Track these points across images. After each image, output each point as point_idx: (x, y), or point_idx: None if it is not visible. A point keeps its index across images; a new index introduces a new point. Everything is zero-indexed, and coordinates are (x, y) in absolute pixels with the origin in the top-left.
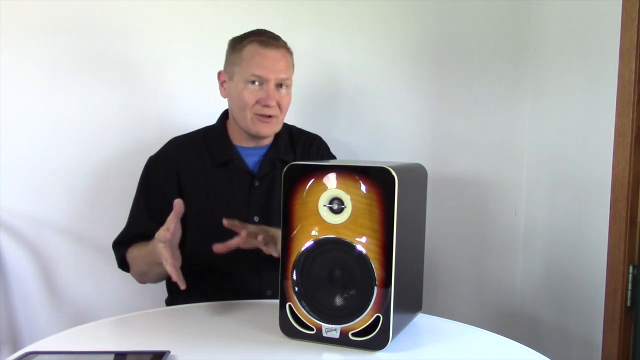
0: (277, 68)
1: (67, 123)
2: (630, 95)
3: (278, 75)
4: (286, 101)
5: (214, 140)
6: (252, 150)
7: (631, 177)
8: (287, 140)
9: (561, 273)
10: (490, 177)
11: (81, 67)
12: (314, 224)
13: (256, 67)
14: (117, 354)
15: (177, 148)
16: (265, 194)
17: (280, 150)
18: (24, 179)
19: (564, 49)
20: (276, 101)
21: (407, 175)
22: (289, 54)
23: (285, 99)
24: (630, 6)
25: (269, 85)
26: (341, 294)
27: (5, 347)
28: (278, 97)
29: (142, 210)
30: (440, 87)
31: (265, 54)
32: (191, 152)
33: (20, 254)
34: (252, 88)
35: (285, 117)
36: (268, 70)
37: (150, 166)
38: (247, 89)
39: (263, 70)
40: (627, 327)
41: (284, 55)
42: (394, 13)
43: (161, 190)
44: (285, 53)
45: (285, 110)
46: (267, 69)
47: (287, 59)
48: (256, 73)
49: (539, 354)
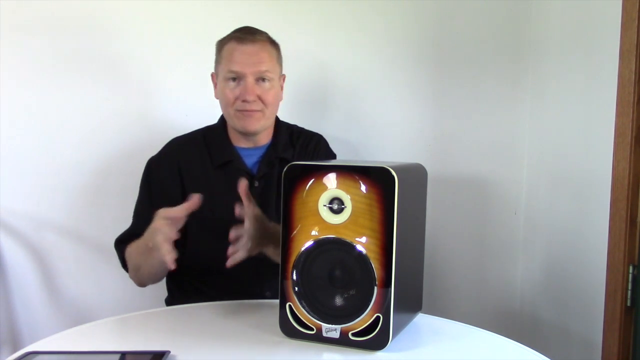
0: (253, 61)
1: (67, 123)
2: (630, 95)
3: (254, 68)
4: (270, 95)
5: (214, 140)
6: (251, 151)
7: (631, 177)
8: (286, 139)
9: (561, 273)
10: (490, 177)
11: (81, 67)
12: (314, 224)
13: (232, 63)
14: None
15: (178, 149)
16: (266, 194)
17: (278, 149)
18: (24, 179)
19: (564, 49)
20: (257, 95)
21: (407, 175)
22: (270, 47)
23: (269, 93)
24: (630, 6)
25: (247, 80)
26: (341, 294)
27: (5, 347)
28: (259, 90)
29: (147, 211)
30: (441, 87)
31: (240, 49)
32: (192, 153)
33: (20, 254)
34: (232, 85)
35: (286, 117)
36: (244, 65)
37: (152, 167)
38: (227, 87)
39: (239, 65)
40: (627, 327)
41: (262, 48)
42: (394, 13)
43: (165, 190)
44: (263, 46)
45: (272, 104)
46: (243, 63)
47: (267, 51)
48: (232, 69)
49: (539, 354)
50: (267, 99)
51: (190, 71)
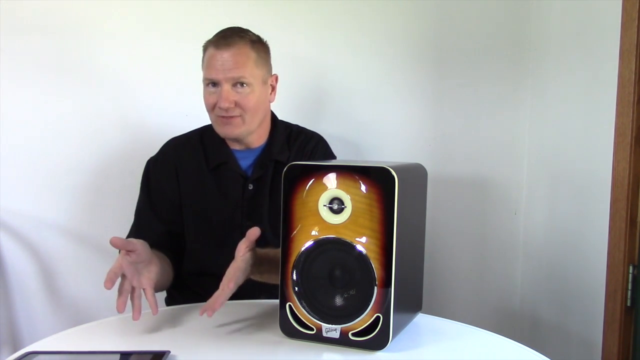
0: (226, 67)
1: (67, 123)
2: (630, 95)
3: (228, 74)
4: (249, 100)
5: (210, 142)
6: (245, 153)
7: (631, 177)
8: (283, 140)
9: (561, 273)
10: (490, 177)
11: (81, 67)
12: (314, 224)
13: (208, 70)
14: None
15: (175, 149)
16: (259, 197)
17: (273, 151)
18: (24, 179)
19: (564, 49)
20: (234, 101)
21: (407, 175)
22: (249, 49)
23: (248, 98)
24: (630, 6)
25: (223, 86)
26: (341, 294)
27: (5, 347)
28: (236, 97)
29: (147, 212)
30: (441, 87)
31: (215, 56)
32: (188, 154)
33: (20, 254)
34: (210, 90)
35: (284, 116)
36: (217, 71)
37: (151, 168)
38: (207, 92)
39: (213, 72)
40: (627, 327)
41: (238, 52)
42: (394, 13)
43: (163, 191)
44: (240, 49)
45: (253, 108)
46: (217, 69)
47: (244, 55)
48: (207, 76)
49: (539, 354)
50: (246, 105)
51: (190, 71)
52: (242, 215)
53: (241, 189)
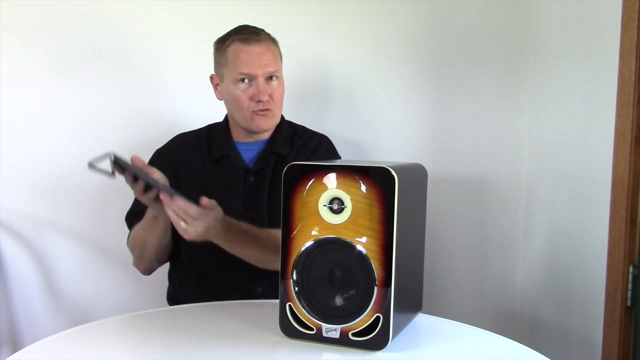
0: (263, 62)
1: (68, 123)
2: (630, 95)
3: (265, 69)
4: (278, 93)
5: (216, 136)
6: (250, 146)
7: (631, 177)
8: (287, 136)
9: (561, 273)
10: (490, 177)
11: (82, 67)
12: (314, 224)
13: (242, 66)
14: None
15: (179, 143)
16: (261, 189)
17: (276, 144)
18: (24, 179)
19: (564, 49)
20: (268, 94)
21: (407, 175)
22: (273, 45)
23: (277, 91)
24: (630, 6)
25: (259, 80)
26: (341, 294)
27: (5, 347)
28: (269, 90)
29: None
30: (441, 87)
31: (248, 51)
32: (191, 148)
33: (20, 254)
34: (243, 86)
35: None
36: (254, 66)
37: (154, 158)
38: (238, 89)
39: (249, 68)
40: (627, 327)
41: (268, 48)
42: (394, 13)
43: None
44: (268, 45)
45: (279, 101)
46: (253, 65)
47: (272, 50)
48: (243, 71)
49: (539, 354)
50: (276, 97)
51: (190, 71)
52: (244, 207)
53: (242, 181)
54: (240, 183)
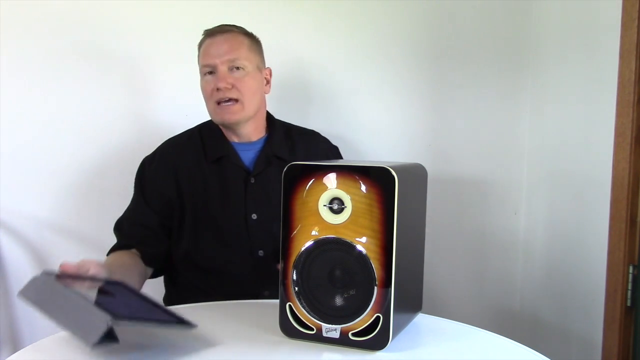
0: (221, 51)
1: (68, 123)
2: (630, 95)
3: (224, 57)
4: (245, 83)
5: (210, 136)
6: (246, 146)
7: (631, 177)
8: (281, 136)
9: (561, 273)
10: (490, 177)
11: (81, 67)
12: (314, 224)
13: (204, 58)
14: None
15: (174, 148)
16: (262, 191)
17: (275, 146)
18: (24, 179)
19: (564, 49)
20: (231, 84)
21: (407, 175)
22: (241, 37)
23: (243, 81)
24: (630, 6)
25: (219, 69)
26: (341, 294)
27: (5, 347)
28: (232, 79)
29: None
30: (440, 87)
31: (210, 43)
32: (187, 150)
33: (20, 254)
34: (207, 78)
35: (281, 115)
36: (213, 56)
37: (145, 167)
38: (204, 80)
39: (209, 58)
40: (627, 327)
41: (232, 38)
42: (394, 13)
43: (158, 188)
44: (234, 36)
45: (247, 92)
46: (212, 55)
47: (237, 40)
48: (204, 63)
49: (539, 354)
50: (242, 87)
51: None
52: (247, 209)
53: (243, 182)
54: (241, 185)
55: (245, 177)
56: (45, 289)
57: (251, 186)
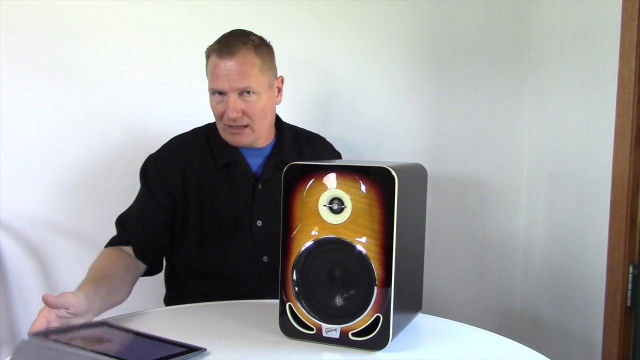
0: (232, 78)
1: (68, 123)
2: (630, 95)
3: (234, 85)
4: (256, 108)
5: (216, 141)
6: (254, 152)
7: (631, 177)
8: (290, 141)
9: (561, 273)
10: (490, 177)
11: (82, 67)
12: (314, 224)
13: (213, 80)
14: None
15: (181, 148)
16: (269, 197)
17: (284, 152)
18: (24, 179)
19: (564, 49)
20: (241, 110)
21: (407, 175)
22: (251, 56)
23: (255, 106)
24: (630, 6)
25: (229, 97)
26: (341, 294)
27: (5, 347)
28: (243, 105)
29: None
30: (441, 87)
31: (219, 66)
32: (195, 153)
33: (20, 254)
34: (217, 99)
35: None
36: (223, 82)
37: (151, 165)
38: (214, 100)
39: (218, 83)
40: (627, 327)
41: (243, 61)
42: (394, 13)
43: (166, 187)
44: (243, 58)
45: (258, 116)
46: (222, 80)
47: (249, 64)
48: (213, 87)
49: (539, 354)
50: (253, 113)
51: (191, 72)
52: (252, 215)
53: (251, 188)
54: (249, 190)
55: (253, 183)
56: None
57: (258, 192)
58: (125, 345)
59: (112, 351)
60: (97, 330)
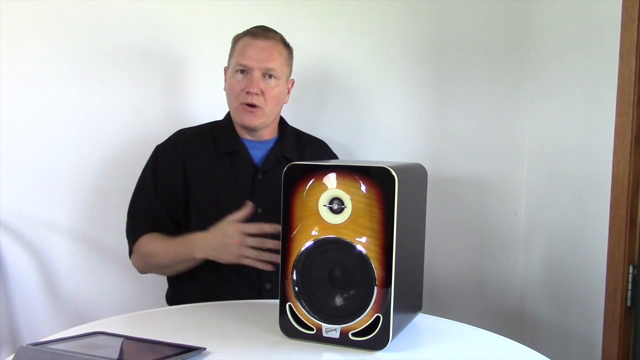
0: (262, 57)
1: (68, 123)
2: (630, 95)
3: (262, 64)
4: (273, 92)
5: (221, 132)
6: (257, 144)
7: (631, 177)
8: (293, 140)
9: (561, 273)
10: (490, 177)
11: (82, 66)
12: (314, 223)
13: (242, 57)
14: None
15: (184, 137)
16: (269, 187)
17: (285, 147)
18: (24, 179)
19: (564, 49)
20: (260, 89)
21: (407, 175)
22: (281, 46)
23: (273, 90)
24: (630, 6)
25: (254, 73)
26: (341, 294)
27: (5, 347)
28: (263, 85)
29: (153, 196)
30: (440, 87)
31: (253, 44)
32: (198, 142)
33: (20, 254)
34: (239, 77)
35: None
36: (252, 59)
37: (158, 154)
38: (235, 78)
39: (248, 60)
40: (627, 327)
41: (273, 46)
42: (394, 13)
43: (168, 176)
44: (275, 44)
45: (272, 102)
46: (252, 58)
47: (277, 50)
48: (241, 62)
49: (539, 354)
50: (269, 96)
51: (192, 71)
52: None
53: (251, 177)
54: (249, 179)
55: (254, 172)
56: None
57: (258, 182)
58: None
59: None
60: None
